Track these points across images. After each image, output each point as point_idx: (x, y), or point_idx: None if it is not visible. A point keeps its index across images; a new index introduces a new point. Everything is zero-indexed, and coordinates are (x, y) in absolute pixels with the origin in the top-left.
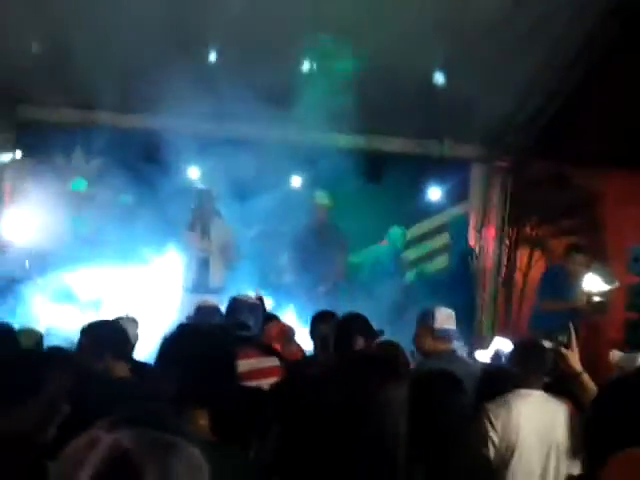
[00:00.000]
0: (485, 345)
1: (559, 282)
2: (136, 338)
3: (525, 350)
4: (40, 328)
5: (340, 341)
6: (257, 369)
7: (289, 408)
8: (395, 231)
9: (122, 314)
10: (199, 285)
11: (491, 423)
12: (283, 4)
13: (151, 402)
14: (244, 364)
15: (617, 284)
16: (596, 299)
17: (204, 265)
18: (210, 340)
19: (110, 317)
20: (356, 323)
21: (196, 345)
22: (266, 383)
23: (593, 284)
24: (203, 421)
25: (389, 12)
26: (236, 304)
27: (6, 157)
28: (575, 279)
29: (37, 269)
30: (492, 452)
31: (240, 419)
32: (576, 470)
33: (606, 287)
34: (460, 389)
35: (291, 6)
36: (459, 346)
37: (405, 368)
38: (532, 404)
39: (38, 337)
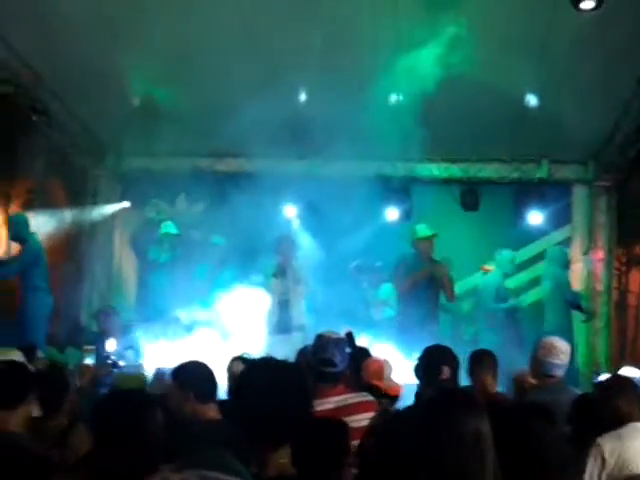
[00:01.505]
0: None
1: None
2: None
3: (617, 385)
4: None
5: (427, 371)
6: (344, 405)
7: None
8: (504, 255)
9: (240, 353)
10: (281, 326)
11: (603, 458)
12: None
13: (229, 445)
14: (330, 402)
15: None
16: None
17: (285, 306)
18: (280, 374)
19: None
20: (442, 353)
21: (266, 379)
22: (356, 419)
23: None
24: (283, 459)
25: (479, 35)
26: (321, 341)
27: (115, 207)
28: None
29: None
30: None
31: (319, 453)
32: None
33: None
34: (549, 420)
35: (372, 30)
36: None
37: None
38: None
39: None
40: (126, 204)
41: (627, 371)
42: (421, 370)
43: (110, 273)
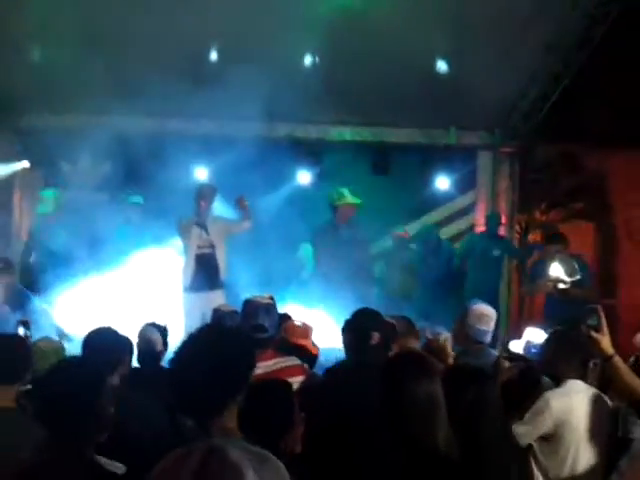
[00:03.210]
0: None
1: (538, 267)
2: (157, 345)
3: (563, 340)
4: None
5: (356, 337)
6: (275, 370)
7: (319, 405)
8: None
9: (147, 320)
10: (199, 283)
11: (549, 413)
12: None
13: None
14: (261, 367)
15: (579, 277)
16: (561, 286)
17: (204, 261)
18: (232, 342)
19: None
20: (371, 318)
21: (219, 347)
22: None
23: (559, 272)
24: (231, 424)
25: (392, 1)
26: (250, 306)
27: (14, 167)
28: (548, 265)
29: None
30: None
31: (266, 414)
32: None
33: (568, 278)
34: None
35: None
36: None
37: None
38: (579, 395)
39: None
40: (25, 164)
41: (530, 332)
42: (349, 335)
43: (9, 234)
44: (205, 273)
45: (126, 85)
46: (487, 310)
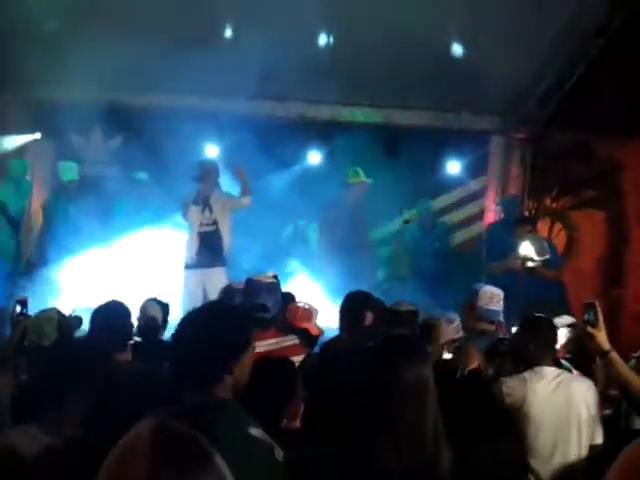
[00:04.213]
0: None
1: (502, 244)
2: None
3: (535, 326)
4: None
5: (350, 317)
6: (277, 348)
7: (318, 381)
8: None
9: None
10: (201, 260)
11: (504, 396)
12: None
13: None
14: (262, 345)
15: (547, 257)
16: (529, 264)
17: (207, 239)
18: (228, 318)
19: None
20: (365, 299)
21: (216, 323)
22: None
23: (528, 251)
24: (227, 395)
25: None
26: (252, 286)
27: (26, 138)
28: (516, 244)
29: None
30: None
31: (268, 389)
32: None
33: (537, 257)
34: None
35: None
36: None
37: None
38: (547, 381)
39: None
40: (37, 136)
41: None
42: (343, 316)
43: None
44: (207, 250)
45: (138, 61)
46: (496, 290)
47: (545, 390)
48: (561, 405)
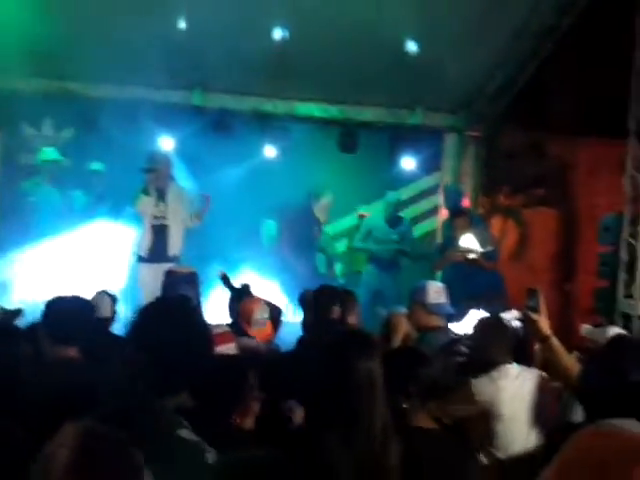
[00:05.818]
0: None
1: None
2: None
3: (494, 327)
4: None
5: (317, 311)
6: None
7: (273, 379)
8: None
9: (98, 289)
10: (155, 254)
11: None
12: None
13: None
14: None
15: (490, 248)
16: (470, 256)
17: (160, 233)
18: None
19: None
20: (332, 293)
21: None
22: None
23: (470, 243)
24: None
25: None
26: (171, 277)
27: None
28: (456, 236)
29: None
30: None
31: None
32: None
33: (480, 249)
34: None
35: None
36: None
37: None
38: (512, 378)
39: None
40: None
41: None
42: (310, 310)
43: None
44: (160, 244)
45: (91, 52)
46: (440, 284)
47: (512, 386)
48: (526, 399)
